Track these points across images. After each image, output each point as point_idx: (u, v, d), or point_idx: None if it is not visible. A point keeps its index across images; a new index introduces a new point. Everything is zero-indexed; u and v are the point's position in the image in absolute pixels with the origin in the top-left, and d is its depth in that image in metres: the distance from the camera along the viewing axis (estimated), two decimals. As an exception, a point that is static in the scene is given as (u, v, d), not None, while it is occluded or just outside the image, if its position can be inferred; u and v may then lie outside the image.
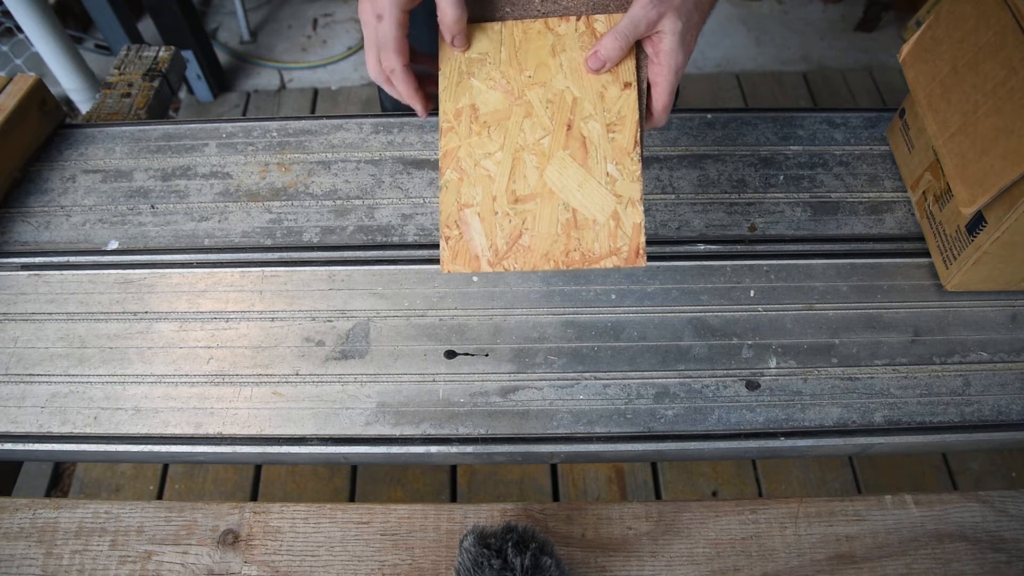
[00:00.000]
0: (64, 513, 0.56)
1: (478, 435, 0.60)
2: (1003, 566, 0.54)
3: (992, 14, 0.58)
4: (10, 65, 1.85)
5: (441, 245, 0.52)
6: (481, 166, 0.52)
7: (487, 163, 0.52)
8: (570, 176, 0.51)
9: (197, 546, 0.54)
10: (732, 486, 1.29)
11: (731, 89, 1.93)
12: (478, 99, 0.53)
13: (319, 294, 0.67)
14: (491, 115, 0.52)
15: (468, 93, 0.53)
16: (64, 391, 0.62)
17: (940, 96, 0.62)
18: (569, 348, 0.64)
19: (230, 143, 0.78)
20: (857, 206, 0.73)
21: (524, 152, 0.52)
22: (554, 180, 0.51)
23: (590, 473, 1.30)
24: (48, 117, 0.80)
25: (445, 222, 0.52)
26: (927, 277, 0.68)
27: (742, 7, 2.13)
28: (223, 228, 0.72)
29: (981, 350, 0.64)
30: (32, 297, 0.68)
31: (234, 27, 2.10)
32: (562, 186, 0.51)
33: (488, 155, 0.52)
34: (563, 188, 0.51)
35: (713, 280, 0.68)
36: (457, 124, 0.53)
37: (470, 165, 0.52)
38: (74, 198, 0.75)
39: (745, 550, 0.54)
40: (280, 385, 0.62)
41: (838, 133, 0.78)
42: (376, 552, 0.54)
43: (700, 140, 0.77)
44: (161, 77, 0.97)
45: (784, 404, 0.61)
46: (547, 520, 0.55)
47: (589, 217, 0.51)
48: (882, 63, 1.99)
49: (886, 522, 0.56)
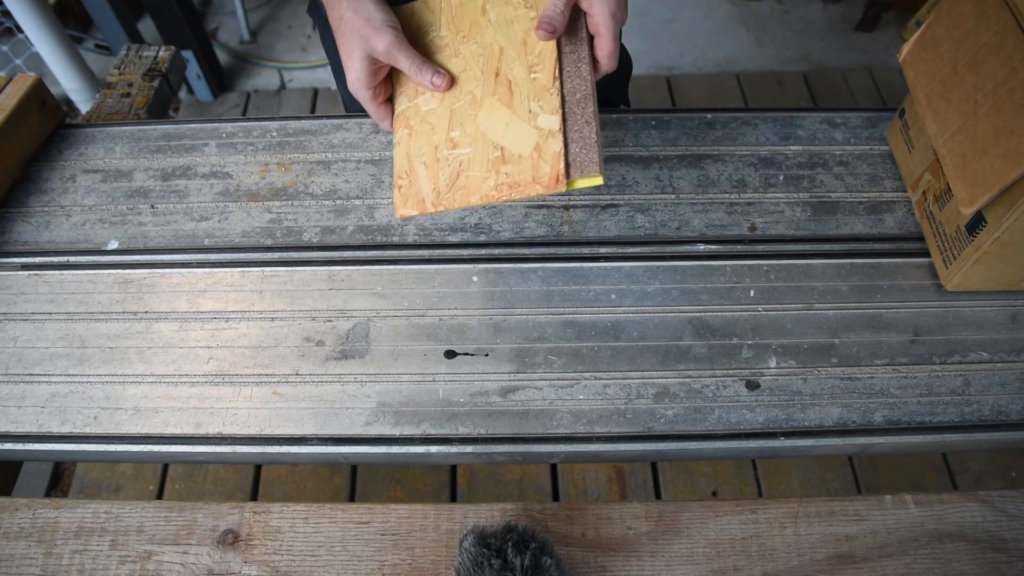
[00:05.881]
0: (64, 513, 0.56)
1: (478, 435, 0.60)
2: (1003, 566, 0.54)
3: (992, 14, 0.58)
4: (10, 65, 1.85)
5: (395, 193, 0.57)
6: (426, 121, 0.58)
7: (431, 117, 0.58)
8: (498, 118, 0.56)
9: (197, 546, 0.54)
10: (732, 486, 1.29)
11: (731, 89, 1.93)
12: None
13: (319, 294, 0.67)
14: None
15: None
16: (64, 391, 0.62)
17: (940, 96, 0.62)
18: (569, 348, 0.64)
19: (230, 143, 0.78)
20: (857, 206, 0.73)
21: (460, 103, 0.58)
22: (485, 123, 0.56)
23: (590, 473, 1.30)
24: (48, 117, 0.80)
25: (397, 173, 0.58)
26: (927, 277, 0.68)
27: (742, 7, 2.13)
28: (223, 228, 0.72)
29: (981, 350, 0.64)
30: (32, 297, 0.68)
31: (234, 27, 2.10)
32: (492, 128, 0.56)
33: (431, 111, 0.58)
34: (492, 129, 0.56)
35: (713, 280, 0.68)
36: (406, 88, 0.60)
37: (417, 122, 0.58)
38: (74, 198, 0.75)
39: (745, 550, 0.54)
40: (280, 385, 0.62)
41: (838, 133, 0.78)
42: (376, 552, 0.54)
43: (700, 140, 0.77)
44: (161, 77, 0.97)
45: (784, 404, 0.61)
46: (547, 520, 0.55)
47: (515, 152, 0.55)
48: (882, 63, 1.99)
49: (886, 522, 0.56)
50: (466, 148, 0.57)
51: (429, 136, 0.58)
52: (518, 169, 0.55)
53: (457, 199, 0.56)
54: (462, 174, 0.56)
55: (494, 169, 0.56)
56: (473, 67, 0.58)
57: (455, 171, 0.56)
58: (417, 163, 0.57)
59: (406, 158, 0.58)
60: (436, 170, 0.57)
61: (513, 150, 0.56)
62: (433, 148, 0.57)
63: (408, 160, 0.57)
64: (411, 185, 0.57)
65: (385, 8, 0.56)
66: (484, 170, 0.56)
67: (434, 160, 0.57)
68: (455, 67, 0.59)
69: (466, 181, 0.56)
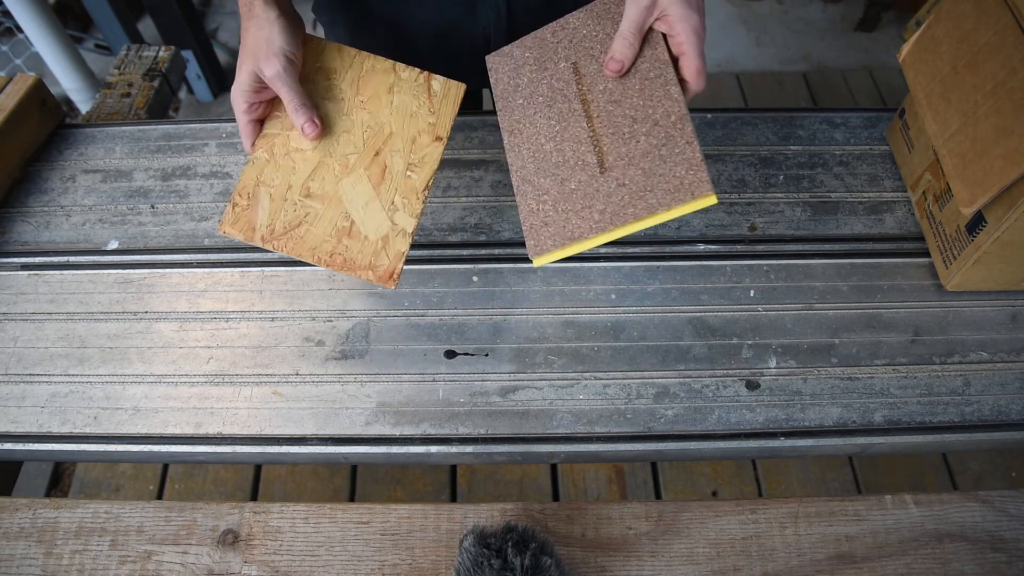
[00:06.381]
0: (64, 513, 0.56)
1: (478, 435, 0.60)
2: (1003, 566, 0.54)
3: (992, 14, 0.58)
4: (10, 65, 1.85)
5: (228, 208, 0.57)
6: (289, 157, 0.58)
7: (295, 156, 0.58)
8: (360, 192, 0.58)
9: (197, 546, 0.54)
10: (732, 486, 1.29)
11: (731, 89, 1.93)
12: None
13: (319, 294, 0.67)
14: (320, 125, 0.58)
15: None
16: (64, 391, 0.62)
17: (940, 96, 0.62)
18: (569, 348, 0.64)
19: (230, 143, 0.78)
20: (857, 206, 0.73)
21: (331, 159, 0.58)
22: (346, 191, 0.58)
23: (590, 473, 1.30)
24: (48, 117, 0.80)
25: (239, 191, 0.57)
26: (927, 277, 0.68)
27: (742, 7, 2.13)
28: (223, 228, 0.72)
29: (981, 350, 0.64)
30: (32, 297, 0.68)
31: (234, 27, 2.10)
32: (351, 198, 0.58)
33: (299, 150, 0.58)
34: (351, 200, 0.58)
35: (713, 280, 0.68)
36: (283, 117, 0.59)
37: (281, 153, 0.58)
38: (74, 198, 0.75)
39: (745, 550, 0.54)
40: (280, 385, 0.62)
41: (838, 133, 0.78)
42: (376, 552, 0.54)
43: (700, 140, 0.77)
44: (161, 77, 0.97)
45: (784, 404, 0.61)
46: (547, 520, 0.55)
47: (363, 232, 0.57)
48: (882, 63, 1.99)
49: (886, 522, 0.56)
50: (319, 204, 0.57)
51: (287, 174, 0.58)
52: (359, 248, 0.57)
53: (288, 246, 0.57)
54: (304, 225, 0.57)
55: (336, 237, 0.57)
56: (358, 135, 0.59)
57: (298, 219, 0.57)
58: (263, 192, 0.57)
59: (255, 181, 0.57)
60: (279, 208, 0.57)
61: (363, 229, 0.57)
62: (286, 187, 0.57)
63: (256, 184, 0.57)
64: (247, 209, 0.57)
65: (289, 35, 0.54)
66: (327, 233, 0.57)
67: (281, 198, 0.57)
68: (341, 124, 0.59)
69: (304, 233, 0.57)
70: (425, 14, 0.71)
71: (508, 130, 0.58)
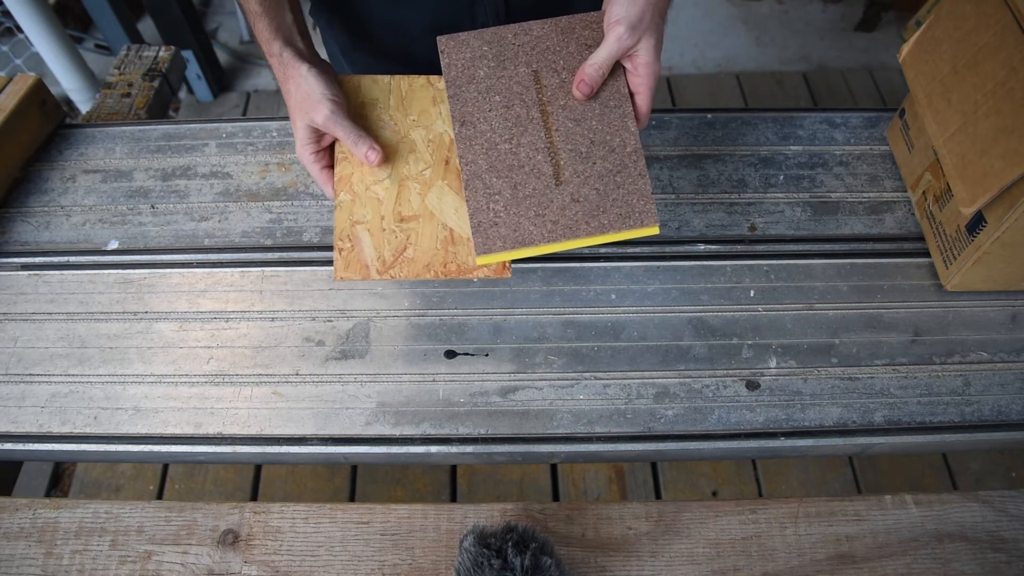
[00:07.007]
0: (64, 513, 0.56)
1: (478, 435, 0.60)
2: (1003, 566, 0.54)
3: (992, 14, 0.58)
4: (10, 65, 1.85)
5: (335, 256, 0.57)
6: (371, 191, 0.59)
7: (376, 188, 0.59)
8: (447, 201, 0.59)
9: (197, 546, 0.54)
10: (732, 486, 1.29)
11: (731, 89, 1.93)
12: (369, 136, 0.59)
13: (319, 294, 0.67)
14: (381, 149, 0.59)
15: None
16: (64, 391, 0.62)
17: (940, 96, 0.62)
18: (569, 348, 0.64)
19: (230, 143, 0.78)
20: (857, 206, 0.73)
21: (409, 181, 0.59)
22: (434, 204, 0.59)
23: (590, 473, 1.30)
24: (48, 117, 0.80)
25: (339, 236, 0.58)
26: (927, 277, 0.68)
27: (742, 7, 2.13)
28: (223, 228, 0.72)
29: (981, 350, 0.64)
30: (32, 297, 0.68)
31: (234, 27, 2.10)
32: (441, 209, 0.59)
33: (377, 182, 0.59)
34: (441, 211, 0.59)
35: (713, 280, 0.68)
36: (349, 155, 0.60)
37: (361, 189, 0.59)
38: (74, 198, 0.75)
39: (745, 550, 0.54)
40: (280, 385, 0.62)
41: (838, 133, 0.78)
42: (376, 552, 0.54)
43: (700, 140, 0.77)
44: (161, 77, 0.97)
45: (784, 404, 0.61)
46: (547, 520, 0.55)
47: (464, 235, 0.58)
48: (882, 63, 1.99)
49: (886, 522, 0.56)
50: (415, 224, 0.58)
51: (375, 206, 0.59)
52: (466, 251, 0.58)
53: (404, 271, 0.57)
54: (410, 247, 0.58)
55: (443, 247, 0.58)
56: (423, 150, 0.60)
57: (402, 243, 0.58)
58: (360, 230, 0.58)
59: (348, 223, 0.58)
60: (381, 239, 0.58)
61: (462, 233, 0.58)
62: (379, 218, 0.58)
63: (351, 225, 0.58)
64: (353, 250, 0.58)
65: (327, 81, 0.57)
66: (433, 247, 0.58)
67: (379, 230, 0.58)
68: (405, 146, 0.60)
69: (413, 255, 0.58)
70: (422, 14, 0.71)
71: (460, 120, 0.58)
